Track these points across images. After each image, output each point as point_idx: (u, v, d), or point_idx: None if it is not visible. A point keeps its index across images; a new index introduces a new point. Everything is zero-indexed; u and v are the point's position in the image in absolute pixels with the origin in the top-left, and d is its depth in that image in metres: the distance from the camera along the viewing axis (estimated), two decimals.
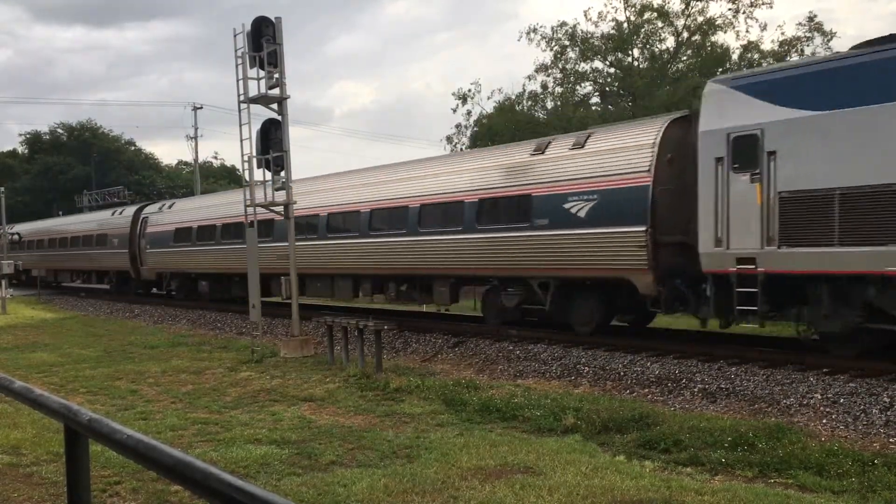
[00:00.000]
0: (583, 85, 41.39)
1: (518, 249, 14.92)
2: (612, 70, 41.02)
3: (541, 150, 15.16)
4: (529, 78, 41.23)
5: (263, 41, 16.30)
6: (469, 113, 42.10)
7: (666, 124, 13.35)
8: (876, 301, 10.49)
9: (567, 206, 14.01)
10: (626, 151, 13.47)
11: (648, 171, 12.94)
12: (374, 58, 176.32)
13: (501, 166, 15.84)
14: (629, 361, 12.65)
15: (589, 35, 39.91)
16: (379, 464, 7.81)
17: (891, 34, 10.58)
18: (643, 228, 12.79)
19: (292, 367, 14.31)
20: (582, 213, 13.79)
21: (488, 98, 45.13)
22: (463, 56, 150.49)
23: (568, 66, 40.56)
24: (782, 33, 38.45)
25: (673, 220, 12.84)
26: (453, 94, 42.24)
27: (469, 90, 41.74)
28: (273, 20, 16.43)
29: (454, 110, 42.47)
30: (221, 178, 71.86)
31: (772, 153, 11.14)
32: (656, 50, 40.06)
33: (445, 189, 16.83)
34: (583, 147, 14.32)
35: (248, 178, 17.42)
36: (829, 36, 36.49)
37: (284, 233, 18.36)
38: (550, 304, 14.89)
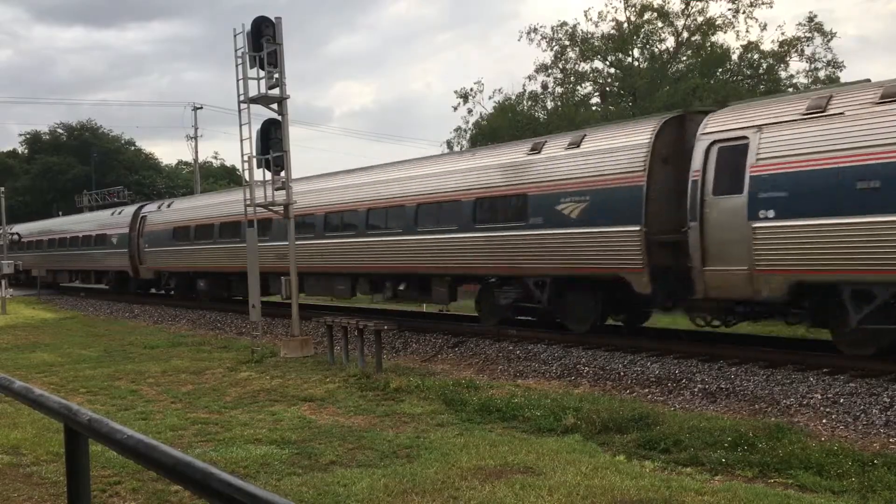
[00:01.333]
0: (583, 85, 41.47)
1: None
2: (612, 70, 41.07)
3: None
4: (530, 78, 41.36)
5: (263, 41, 16.30)
6: (470, 112, 42.19)
7: None
8: None
9: None
10: None
11: None
12: (375, 58, 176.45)
13: None
14: (629, 361, 12.65)
15: (589, 35, 40.00)
16: (379, 464, 7.81)
17: None
18: None
19: (292, 367, 14.31)
20: None
21: (490, 98, 45.18)
22: (463, 56, 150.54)
23: (568, 67, 40.63)
24: (782, 33, 38.39)
25: None
26: (455, 91, 42.34)
27: (471, 89, 41.84)
28: (273, 20, 16.43)
29: (455, 108, 42.52)
30: (221, 178, 71.88)
31: None
32: (656, 50, 40.11)
33: None
34: None
35: (247, 178, 17.43)
36: (829, 36, 36.53)
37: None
38: None
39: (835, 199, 10.46)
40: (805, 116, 11.10)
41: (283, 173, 17.01)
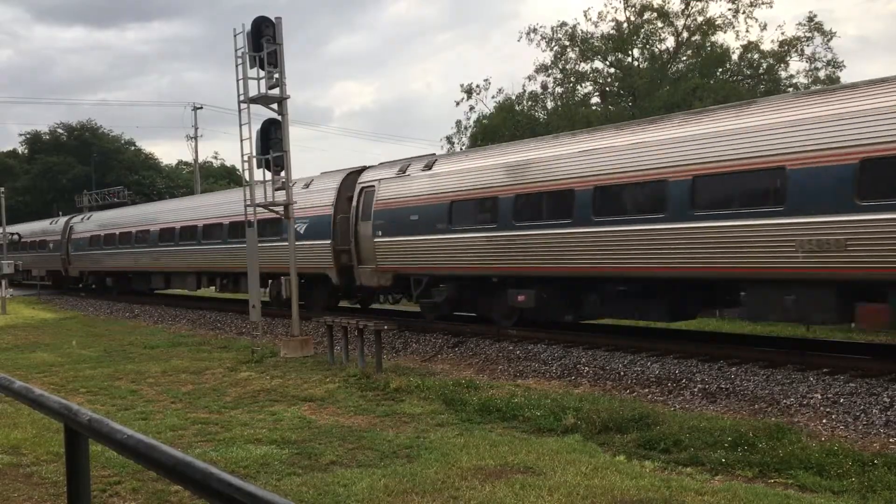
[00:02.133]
0: (583, 85, 41.42)
1: None
2: (612, 70, 41.04)
3: None
4: (529, 78, 41.30)
5: (263, 41, 16.31)
6: (472, 108, 42.16)
7: None
8: None
9: None
10: None
11: None
12: (375, 58, 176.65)
13: None
14: (629, 361, 12.64)
15: (589, 35, 39.95)
16: (379, 464, 7.81)
17: None
18: None
19: (292, 367, 14.31)
20: None
21: (492, 98, 45.13)
22: (463, 56, 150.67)
23: (568, 67, 40.59)
24: (782, 33, 38.34)
25: None
26: (461, 85, 42.28)
27: (477, 86, 41.79)
28: (273, 20, 16.44)
29: (458, 103, 42.44)
30: (221, 178, 71.93)
31: None
32: (656, 50, 40.08)
33: None
34: None
35: (248, 178, 17.43)
36: (828, 36, 36.49)
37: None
38: None
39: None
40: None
41: (283, 173, 17.01)
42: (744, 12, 37.69)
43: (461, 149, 40.54)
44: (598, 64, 40.88)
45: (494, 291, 15.86)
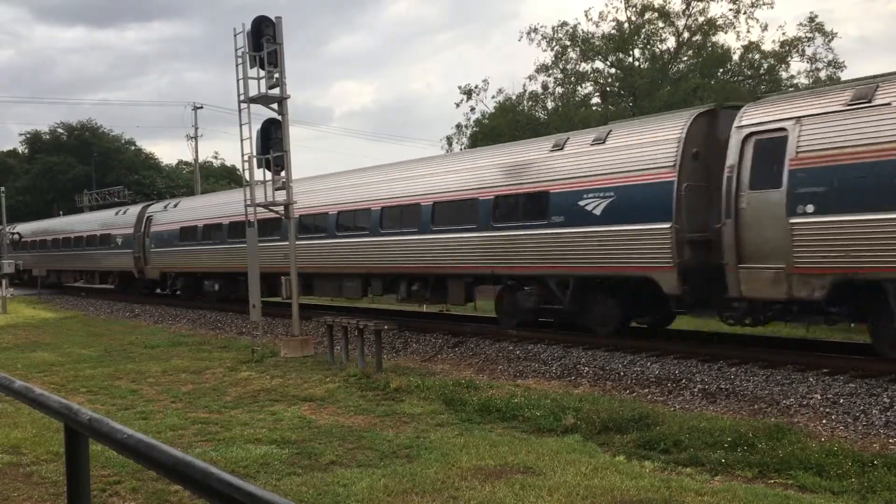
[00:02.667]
0: (583, 85, 41.45)
1: None
2: (612, 70, 41.06)
3: None
4: (530, 78, 41.36)
5: (263, 41, 16.31)
6: (472, 109, 42.19)
7: None
8: None
9: None
10: None
11: None
12: (375, 58, 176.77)
13: None
14: (629, 361, 12.64)
15: (590, 35, 39.98)
16: (379, 464, 7.81)
17: None
18: None
19: (292, 367, 14.31)
20: None
21: (493, 98, 45.16)
22: (463, 56, 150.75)
23: (568, 67, 40.62)
24: (783, 34, 38.38)
25: None
26: (459, 87, 42.30)
27: (476, 87, 41.80)
28: (273, 20, 16.44)
29: (458, 105, 42.48)
30: (221, 178, 71.91)
31: None
32: (657, 50, 40.12)
33: None
34: None
35: (248, 178, 17.43)
36: (829, 36, 36.52)
37: None
38: None
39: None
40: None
41: (283, 173, 17.01)
42: (745, 13, 37.79)
43: (461, 149, 40.39)
44: (598, 64, 40.95)
45: None
